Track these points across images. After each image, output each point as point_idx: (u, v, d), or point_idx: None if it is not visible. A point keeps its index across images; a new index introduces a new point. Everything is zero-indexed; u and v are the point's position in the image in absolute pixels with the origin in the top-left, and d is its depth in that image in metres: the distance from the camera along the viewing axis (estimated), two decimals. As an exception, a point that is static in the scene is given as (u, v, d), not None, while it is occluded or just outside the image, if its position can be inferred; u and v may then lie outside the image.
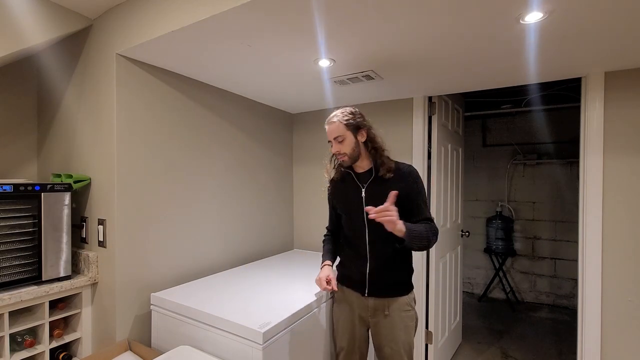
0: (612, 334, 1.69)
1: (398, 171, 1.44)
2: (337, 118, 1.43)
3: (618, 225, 1.69)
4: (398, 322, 1.43)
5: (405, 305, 1.45)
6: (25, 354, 1.44)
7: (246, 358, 1.25)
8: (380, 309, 1.44)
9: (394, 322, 1.43)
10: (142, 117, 1.64)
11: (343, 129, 1.41)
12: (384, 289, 1.44)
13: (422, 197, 1.44)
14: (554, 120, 3.70)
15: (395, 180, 1.42)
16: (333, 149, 1.45)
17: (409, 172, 1.44)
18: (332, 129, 1.43)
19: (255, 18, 1.22)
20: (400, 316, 1.43)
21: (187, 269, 1.85)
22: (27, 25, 1.45)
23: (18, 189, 1.41)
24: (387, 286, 1.44)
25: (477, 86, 2.01)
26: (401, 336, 1.43)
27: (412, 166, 1.48)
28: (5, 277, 1.38)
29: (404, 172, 1.44)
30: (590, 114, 1.76)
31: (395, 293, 1.44)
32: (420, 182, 1.45)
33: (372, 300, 1.45)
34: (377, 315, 1.45)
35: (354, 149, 1.42)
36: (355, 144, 1.43)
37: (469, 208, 4.19)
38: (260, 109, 2.41)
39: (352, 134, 1.42)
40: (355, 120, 1.42)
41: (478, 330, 3.14)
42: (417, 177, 1.44)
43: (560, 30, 1.28)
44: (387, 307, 1.43)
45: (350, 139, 1.42)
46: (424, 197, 1.45)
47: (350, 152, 1.42)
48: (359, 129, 1.43)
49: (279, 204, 2.60)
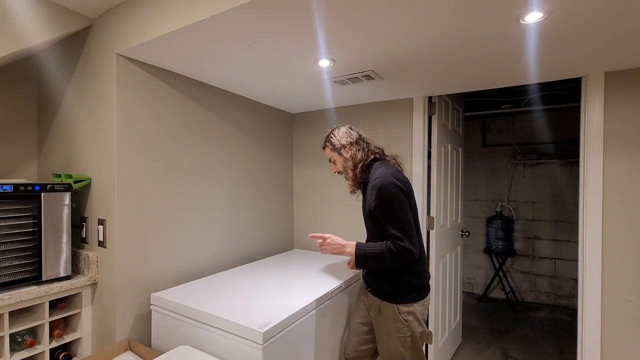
0: (612, 334, 1.69)
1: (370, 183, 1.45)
2: (327, 142, 1.60)
3: (618, 225, 1.69)
4: (385, 325, 1.46)
5: (392, 313, 1.43)
6: (25, 354, 1.43)
7: (246, 358, 1.25)
8: (374, 305, 1.51)
9: (382, 323, 1.47)
10: (142, 117, 1.64)
11: (329, 152, 1.60)
12: (374, 291, 1.52)
13: (386, 212, 1.35)
14: (554, 120, 3.70)
15: (367, 195, 1.48)
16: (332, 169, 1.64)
17: (371, 187, 1.40)
18: (325, 152, 1.63)
19: (255, 18, 1.22)
20: (387, 322, 1.45)
21: (187, 269, 1.85)
22: (27, 25, 1.45)
23: (18, 189, 1.41)
24: (376, 289, 1.51)
25: (477, 86, 2.01)
26: (386, 340, 1.46)
27: (379, 178, 1.37)
28: (5, 277, 1.38)
29: (370, 187, 1.42)
30: (590, 114, 1.76)
31: (383, 297, 1.47)
32: (383, 195, 1.34)
33: (370, 296, 1.55)
34: (372, 309, 1.53)
35: (344, 166, 1.56)
36: (344, 161, 1.56)
37: (469, 208, 4.19)
38: (260, 109, 2.41)
39: (337, 154, 1.57)
40: (337, 142, 1.55)
41: (478, 330, 3.14)
42: (379, 191, 1.35)
43: (560, 30, 1.28)
44: (379, 307, 1.48)
45: (338, 159, 1.58)
46: (388, 211, 1.35)
47: (344, 169, 1.57)
48: (341, 149, 1.55)
49: (279, 203, 2.60)
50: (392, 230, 1.33)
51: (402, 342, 1.42)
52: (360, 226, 2.40)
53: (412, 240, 1.33)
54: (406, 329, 1.41)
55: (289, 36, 1.36)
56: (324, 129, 2.59)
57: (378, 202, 1.36)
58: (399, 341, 1.42)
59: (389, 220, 1.35)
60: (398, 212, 1.34)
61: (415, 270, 1.43)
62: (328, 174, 2.58)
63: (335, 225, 2.54)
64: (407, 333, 1.41)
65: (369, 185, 1.45)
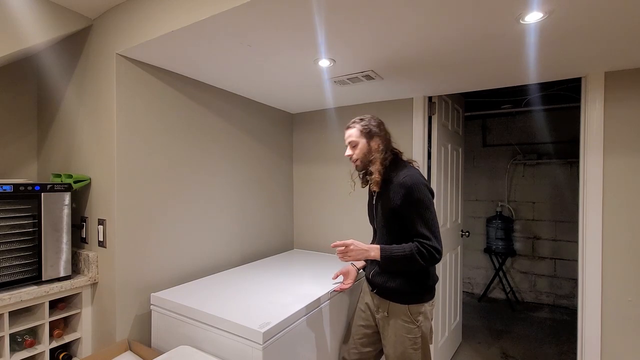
0: (612, 334, 1.69)
1: (394, 181, 1.40)
2: (356, 123, 1.47)
3: (618, 225, 1.69)
4: (393, 327, 1.43)
5: (403, 314, 1.41)
6: (25, 354, 1.43)
7: (246, 358, 1.25)
8: (382, 307, 1.48)
9: (390, 325, 1.44)
10: (142, 117, 1.64)
11: (357, 133, 1.45)
12: (383, 292, 1.48)
13: (417, 211, 1.34)
14: (554, 120, 3.70)
15: (390, 192, 1.41)
16: (346, 152, 1.50)
17: (400, 183, 1.36)
18: (348, 133, 1.48)
19: (255, 18, 1.22)
20: (397, 323, 1.42)
21: (187, 269, 1.85)
22: (27, 25, 1.45)
23: (18, 189, 1.41)
24: (386, 290, 1.46)
25: (477, 86, 2.01)
26: (394, 342, 1.43)
27: (409, 177, 1.36)
28: (5, 277, 1.38)
29: (397, 184, 1.38)
30: (590, 114, 1.76)
31: (393, 299, 1.44)
32: (415, 194, 1.33)
33: (377, 298, 1.51)
34: (379, 312, 1.49)
35: (365, 155, 1.44)
36: (367, 150, 1.44)
37: (469, 208, 4.19)
38: (260, 109, 2.41)
39: (366, 140, 1.44)
40: (370, 128, 1.45)
41: (478, 330, 3.14)
42: (410, 190, 1.34)
43: (560, 30, 1.28)
44: (387, 309, 1.45)
45: (363, 146, 1.45)
46: (419, 210, 1.33)
47: (362, 158, 1.45)
48: (373, 136, 1.45)
49: (279, 203, 2.60)
50: (421, 230, 1.33)
51: (412, 343, 1.40)
52: (360, 225, 2.40)
53: (439, 240, 1.34)
54: (417, 330, 1.40)
55: (289, 36, 1.36)
56: (324, 129, 2.60)
57: (408, 200, 1.34)
58: (409, 342, 1.40)
59: (418, 220, 1.34)
60: (427, 212, 1.34)
61: (428, 270, 1.44)
62: (328, 173, 2.58)
63: (335, 225, 2.54)
64: (417, 334, 1.40)
65: (393, 183, 1.39)
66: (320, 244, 2.62)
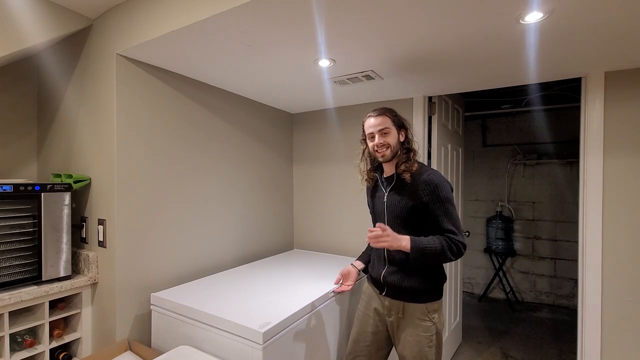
0: (612, 334, 1.69)
1: (419, 177, 1.39)
2: (384, 112, 1.43)
3: (618, 225, 1.69)
4: (411, 327, 1.41)
5: (420, 313, 1.40)
6: (25, 354, 1.44)
7: (246, 358, 1.25)
8: (395, 309, 1.44)
9: (407, 327, 1.41)
10: (142, 117, 1.64)
11: (390, 122, 1.42)
12: (397, 293, 1.44)
13: (443, 207, 1.36)
14: (554, 120, 3.70)
15: (413, 188, 1.40)
16: (377, 141, 1.42)
17: (426, 181, 1.37)
18: (379, 121, 1.42)
19: (255, 18, 1.22)
20: (413, 323, 1.41)
21: (187, 269, 1.85)
22: (27, 25, 1.45)
23: (18, 189, 1.41)
24: (401, 290, 1.42)
25: (477, 86, 2.01)
26: (411, 343, 1.40)
27: (434, 174, 1.39)
28: (5, 277, 1.38)
29: (421, 180, 1.38)
30: (590, 114, 1.76)
31: (408, 299, 1.42)
32: (441, 192, 1.36)
33: (388, 300, 1.46)
34: (392, 315, 1.45)
35: (396, 144, 1.43)
36: (397, 139, 1.43)
37: (469, 208, 4.19)
38: (260, 109, 2.41)
39: (396, 129, 1.43)
40: (401, 119, 1.46)
41: (478, 330, 3.14)
42: (436, 187, 1.36)
43: (560, 30, 1.28)
44: (402, 310, 1.42)
45: (394, 133, 1.43)
46: (446, 207, 1.36)
47: (394, 145, 1.42)
48: (401, 127, 1.45)
49: (279, 203, 2.60)
50: (448, 225, 1.35)
51: (429, 341, 1.40)
52: (361, 225, 2.40)
53: (462, 235, 1.37)
54: (433, 327, 1.41)
55: (288, 36, 1.36)
56: (324, 129, 2.60)
57: (436, 197, 1.36)
58: (426, 341, 1.39)
59: (445, 216, 1.36)
60: (453, 209, 1.38)
61: (441, 268, 1.46)
62: (328, 173, 2.58)
63: (335, 224, 2.54)
64: (433, 331, 1.41)
65: (419, 179, 1.39)
66: (320, 244, 2.62)
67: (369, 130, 1.45)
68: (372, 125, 1.43)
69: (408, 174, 1.41)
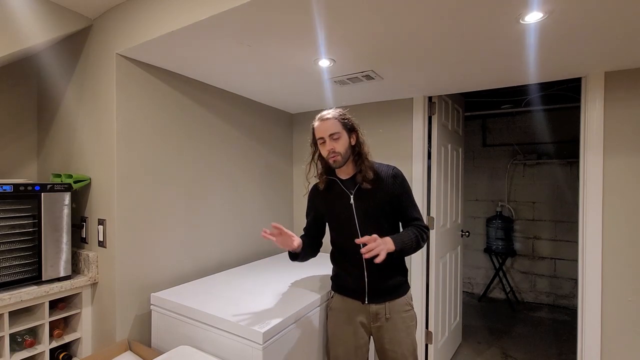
0: (612, 334, 1.69)
1: (382, 174, 1.43)
2: (332, 115, 1.39)
3: (618, 225, 1.69)
4: (400, 323, 1.42)
5: (404, 305, 1.45)
6: (25, 354, 1.44)
7: (246, 358, 1.25)
8: (382, 312, 1.43)
9: (395, 324, 1.42)
10: (142, 116, 1.63)
11: (339, 126, 1.38)
12: (381, 295, 1.43)
13: (410, 197, 1.46)
14: (554, 120, 3.70)
15: (382, 184, 1.41)
16: (327, 147, 1.38)
17: (394, 175, 1.44)
18: (328, 125, 1.37)
19: (255, 18, 1.22)
20: (401, 317, 1.43)
21: (187, 269, 1.85)
22: (27, 25, 1.45)
23: (18, 189, 1.41)
24: (386, 291, 1.43)
25: (477, 86, 2.01)
26: (404, 337, 1.42)
27: (396, 167, 1.46)
28: (5, 277, 1.38)
29: (390, 175, 1.43)
30: (590, 114, 1.76)
31: (394, 296, 1.44)
32: (406, 183, 1.46)
33: (374, 306, 1.43)
34: (379, 319, 1.43)
35: (347, 149, 1.39)
36: (348, 144, 1.40)
37: (469, 208, 4.19)
38: (260, 109, 2.41)
39: (346, 133, 1.40)
40: (350, 121, 1.42)
41: (478, 330, 3.14)
42: (403, 179, 1.45)
43: (560, 30, 1.28)
44: (388, 311, 1.43)
45: (345, 138, 1.39)
46: (411, 196, 1.47)
47: (344, 151, 1.38)
48: (352, 130, 1.42)
49: (279, 203, 2.60)
50: (415, 214, 1.45)
51: (414, 328, 1.47)
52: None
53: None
54: (414, 313, 1.49)
55: (289, 36, 1.36)
56: (324, 129, 2.59)
57: (404, 188, 1.45)
58: (413, 329, 1.45)
59: (412, 205, 1.46)
60: (413, 197, 1.49)
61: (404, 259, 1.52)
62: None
63: (335, 225, 2.54)
64: (415, 318, 1.49)
65: (384, 174, 1.42)
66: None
67: (318, 135, 1.40)
68: (322, 130, 1.38)
69: (371, 172, 1.40)
